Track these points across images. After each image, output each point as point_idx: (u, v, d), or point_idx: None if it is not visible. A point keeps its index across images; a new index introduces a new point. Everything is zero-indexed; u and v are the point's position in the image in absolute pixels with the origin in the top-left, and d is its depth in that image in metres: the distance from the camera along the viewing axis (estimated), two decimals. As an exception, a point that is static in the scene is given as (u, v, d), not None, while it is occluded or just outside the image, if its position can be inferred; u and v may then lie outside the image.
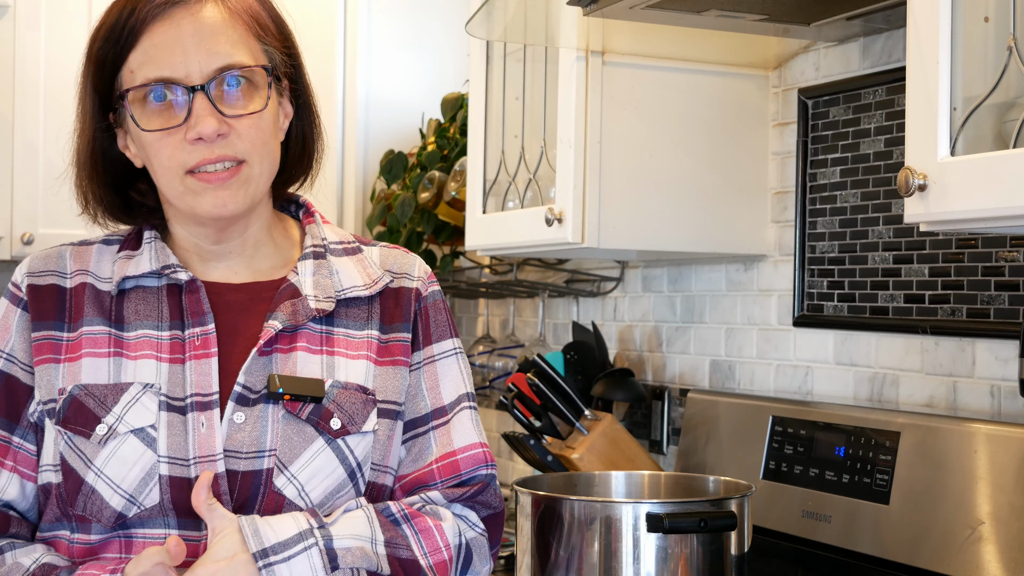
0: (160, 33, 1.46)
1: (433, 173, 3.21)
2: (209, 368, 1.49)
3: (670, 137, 2.41)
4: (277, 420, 1.48)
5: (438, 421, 1.58)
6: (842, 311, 2.28)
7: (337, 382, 1.52)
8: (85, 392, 1.48)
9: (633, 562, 1.81)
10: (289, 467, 1.47)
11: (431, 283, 1.64)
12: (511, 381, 2.56)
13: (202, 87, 1.45)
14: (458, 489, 1.56)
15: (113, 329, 1.51)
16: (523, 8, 2.22)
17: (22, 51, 3.92)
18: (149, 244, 1.56)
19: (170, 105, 1.47)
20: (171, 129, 1.46)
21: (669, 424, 2.74)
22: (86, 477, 1.45)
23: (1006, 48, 1.46)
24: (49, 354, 1.50)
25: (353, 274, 1.59)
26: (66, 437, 1.47)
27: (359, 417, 1.52)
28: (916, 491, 1.95)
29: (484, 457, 1.59)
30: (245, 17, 1.51)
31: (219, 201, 1.48)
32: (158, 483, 1.45)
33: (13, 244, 3.94)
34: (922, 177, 1.48)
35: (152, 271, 1.53)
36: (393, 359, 1.57)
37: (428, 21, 3.89)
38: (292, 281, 1.55)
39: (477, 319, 3.73)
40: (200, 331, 1.50)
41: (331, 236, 1.63)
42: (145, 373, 1.49)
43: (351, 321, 1.56)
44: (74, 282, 1.55)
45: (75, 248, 1.59)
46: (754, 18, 2.13)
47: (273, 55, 1.53)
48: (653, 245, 2.41)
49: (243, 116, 1.48)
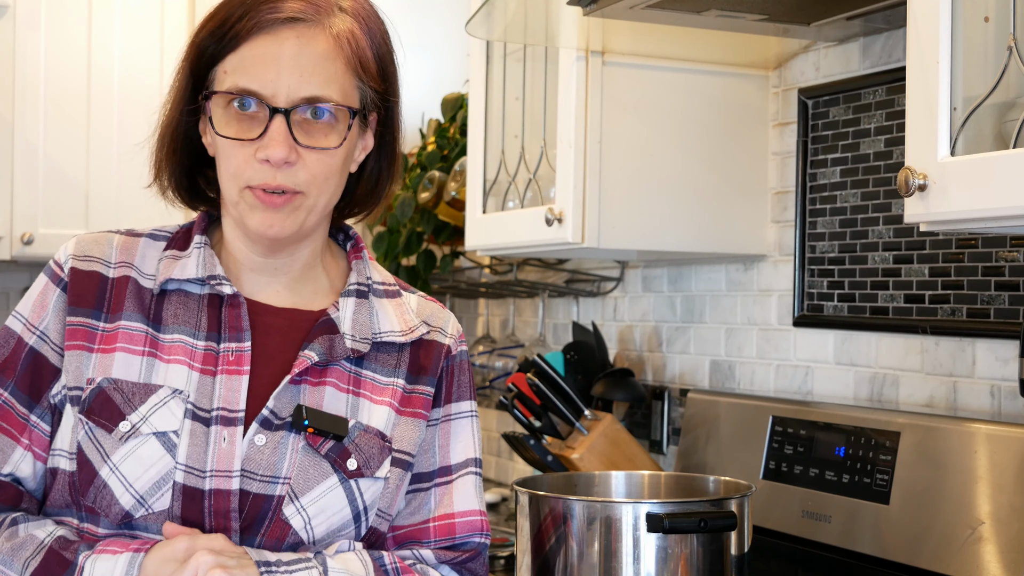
0: (262, 46, 1.46)
1: (433, 173, 3.21)
2: (239, 385, 1.49)
3: (670, 137, 2.41)
4: (296, 450, 1.49)
5: (442, 480, 1.59)
6: (842, 311, 2.28)
7: (359, 423, 1.52)
8: (114, 387, 1.48)
9: (633, 562, 1.81)
10: (300, 498, 1.48)
11: (461, 343, 1.65)
12: (511, 381, 2.56)
13: (284, 111, 1.45)
14: (450, 552, 1.57)
15: (151, 328, 1.51)
16: (523, 8, 2.22)
17: (22, 51, 3.92)
18: (199, 249, 1.55)
19: (251, 117, 1.46)
20: (244, 141, 1.46)
21: (669, 424, 2.74)
22: (100, 470, 1.46)
23: (1006, 48, 1.46)
24: (82, 341, 1.50)
25: (392, 318, 1.59)
26: (87, 427, 1.47)
27: (374, 462, 1.52)
28: (916, 491, 1.95)
29: (481, 525, 1.60)
30: (348, 51, 1.49)
31: (267, 222, 1.48)
32: (171, 489, 1.45)
33: (13, 244, 3.94)
34: (922, 177, 1.48)
35: (197, 278, 1.53)
36: (414, 411, 1.57)
37: (428, 21, 3.89)
38: (332, 316, 1.55)
39: (477, 319, 3.73)
40: (236, 347, 1.50)
41: (375, 276, 1.63)
42: (176, 378, 1.49)
43: (380, 366, 1.57)
44: (117, 273, 1.54)
45: (123, 238, 1.58)
46: (754, 18, 2.13)
47: (366, 94, 1.53)
48: (653, 245, 2.41)
49: (314, 149, 1.47)
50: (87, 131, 3.97)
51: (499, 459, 3.55)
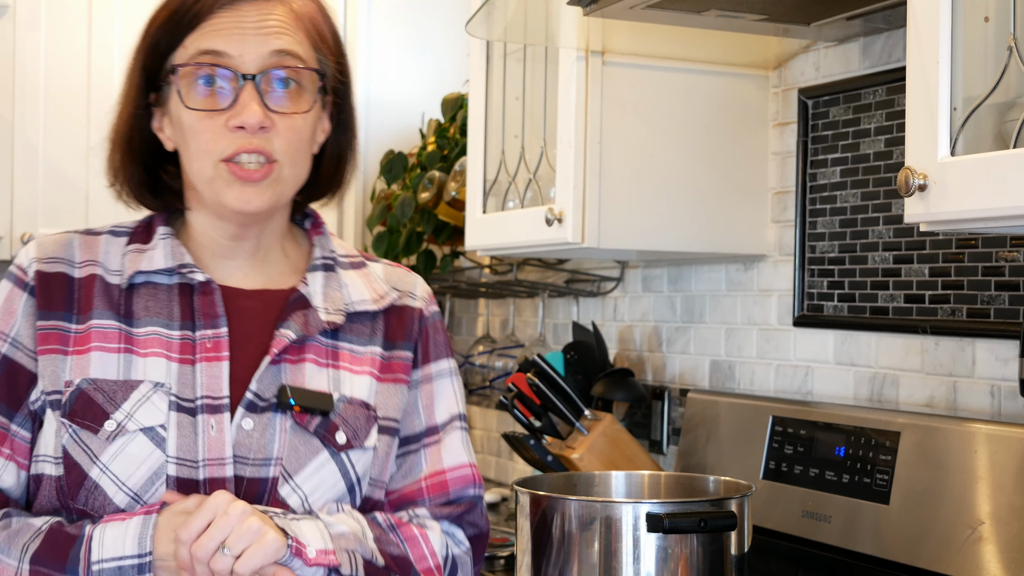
0: (223, 20, 1.48)
1: (433, 173, 3.21)
2: (220, 371, 1.49)
3: (670, 137, 2.41)
4: (285, 430, 1.49)
5: (430, 439, 1.60)
6: (842, 311, 2.28)
7: (343, 396, 1.53)
8: (94, 387, 1.47)
9: (633, 562, 1.81)
10: (294, 477, 1.48)
11: (432, 303, 1.66)
12: (511, 381, 2.56)
13: (253, 77, 1.46)
14: (446, 508, 1.59)
15: (123, 324, 1.51)
16: (523, 8, 2.22)
17: (22, 51, 3.93)
18: (164, 240, 1.55)
19: (217, 92, 1.47)
20: (215, 112, 1.47)
21: (669, 424, 2.74)
22: (90, 472, 1.45)
23: (1006, 48, 1.46)
24: (56, 344, 1.49)
25: (361, 288, 1.60)
26: (71, 431, 1.46)
27: (362, 433, 1.53)
28: (916, 491, 1.95)
29: (472, 478, 1.61)
30: (308, 24, 1.52)
31: (245, 197, 1.49)
32: (165, 483, 1.45)
33: (13, 244, 3.94)
34: (922, 177, 1.48)
35: (166, 268, 1.53)
36: (395, 376, 1.58)
37: (428, 21, 3.89)
38: (302, 292, 1.56)
39: (477, 319, 3.73)
40: (212, 334, 1.51)
41: (339, 249, 1.64)
42: (155, 371, 1.49)
43: (356, 337, 1.57)
44: (83, 272, 1.54)
45: (83, 237, 1.58)
46: (754, 18, 2.13)
47: (326, 67, 1.54)
48: (653, 245, 2.41)
49: (286, 114, 1.48)
50: (87, 131, 3.97)
51: (499, 459, 3.55)
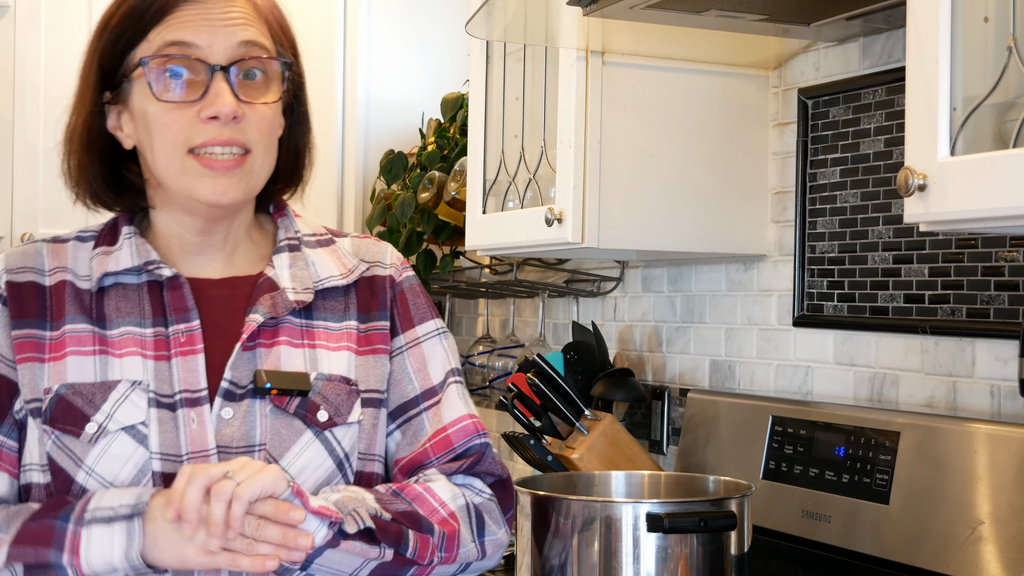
0: (188, 13, 1.48)
1: (433, 173, 3.21)
2: (196, 364, 1.49)
3: (670, 137, 2.41)
4: (265, 415, 1.49)
5: (429, 402, 1.59)
6: (842, 311, 2.28)
7: (321, 374, 1.53)
8: (72, 391, 1.47)
9: (633, 562, 1.81)
10: (280, 461, 1.48)
11: (404, 268, 1.65)
12: (511, 381, 2.56)
13: (223, 68, 1.46)
14: (454, 463, 1.57)
15: (96, 327, 1.51)
16: (523, 8, 2.22)
17: (22, 51, 3.92)
18: (128, 239, 1.55)
19: (186, 83, 1.47)
20: (185, 104, 1.47)
21: (669, 424, 2.74)
22: (76, 476, 1.45)
23: (1006, 48, 1.46)
24: (32, 352, 1.50)
25: (329, 265, 1.60)
26: (54, 437, 1.47)
27: (344, 408, 1.53)
28: (916, 491, 1.95)
29: (474, 428, 1.59)
30: (269, 17, 1.54)
31: (219, 188, 1.48)
32: (151, 480, 1.45)
33: (13, 244, 3.94)
34: (922, 177, 1.48)
35: (133, 267, 1.53)
36: (373, 348, 1.58)
37: (428, 21, 3.89)
38: (269, 275, 1.56)
39: (477, 319, 3.73)
40: (185, 328, 1.51)
41: (304, 229, 1.64)
42: (132, 370, 1.49)
43: (329, 313, 1.57)
44: (53, 280, 1.54)
45: (51, 245, 1.58)
46: (754, 18, 2.13)
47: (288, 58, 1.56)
48: (653, 245, 2.41)
49: (256, 104, 1.49)
50: (87, 131, 3.97)
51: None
